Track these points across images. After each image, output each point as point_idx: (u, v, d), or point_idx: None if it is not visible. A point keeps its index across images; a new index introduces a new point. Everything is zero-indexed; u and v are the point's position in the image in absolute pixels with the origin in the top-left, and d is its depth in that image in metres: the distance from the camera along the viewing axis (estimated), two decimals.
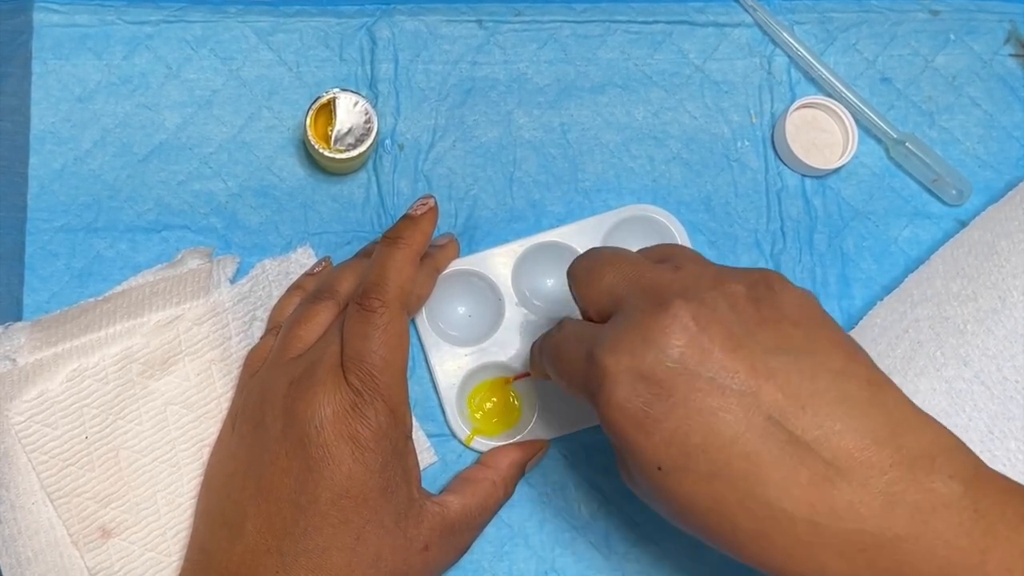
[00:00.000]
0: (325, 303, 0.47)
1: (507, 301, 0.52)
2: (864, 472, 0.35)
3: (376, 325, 0.44)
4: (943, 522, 0.34)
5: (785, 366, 0.36)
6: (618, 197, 0.55)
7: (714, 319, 0.37)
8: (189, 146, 0.53)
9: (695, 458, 0.36)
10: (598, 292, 0.41)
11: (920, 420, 0.37)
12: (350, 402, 0.43)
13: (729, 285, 0.38)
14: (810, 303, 0.39)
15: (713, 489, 0.36)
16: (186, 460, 0.48)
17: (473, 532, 0.47)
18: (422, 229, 0.48)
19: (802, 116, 0.56)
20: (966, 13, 0.59)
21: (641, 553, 0.51)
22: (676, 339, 0.36)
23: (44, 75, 0.53)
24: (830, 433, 0.35)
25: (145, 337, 0.48)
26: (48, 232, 0.52)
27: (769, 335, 0.37)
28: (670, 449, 0.36)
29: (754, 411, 0.35)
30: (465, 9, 0.56)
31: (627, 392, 0.37)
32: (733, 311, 0.37)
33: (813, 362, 0.36)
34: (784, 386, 0.36)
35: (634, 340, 0.37)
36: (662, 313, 0.37)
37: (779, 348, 0.36)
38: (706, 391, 0.36)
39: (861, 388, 0.36)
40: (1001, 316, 0.51)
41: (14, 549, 0.46)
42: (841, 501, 0.35)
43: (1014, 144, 0.58)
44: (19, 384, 0.46)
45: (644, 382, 0.36)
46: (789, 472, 0.35)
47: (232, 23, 0.55)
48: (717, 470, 0.36)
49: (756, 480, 0.35)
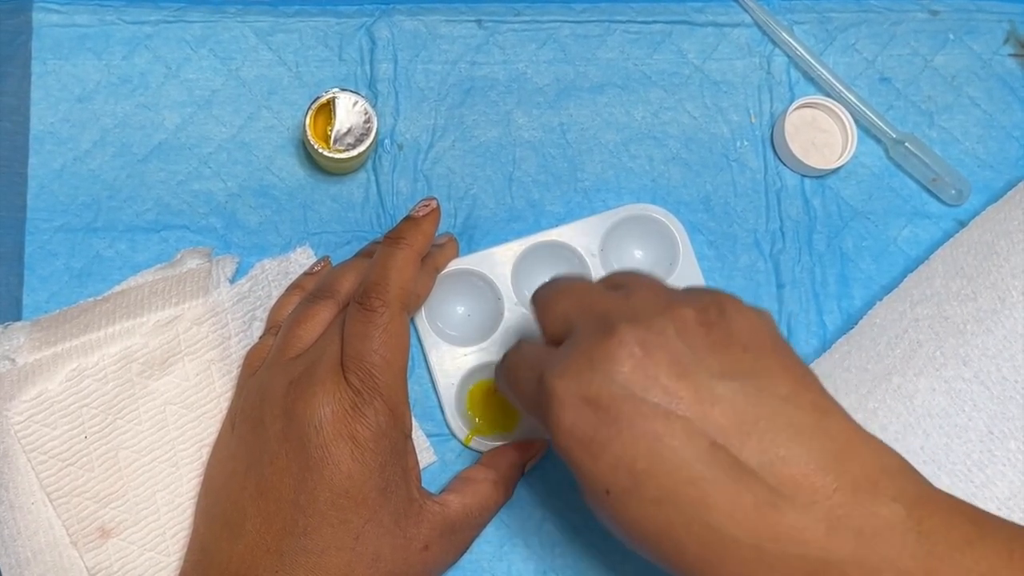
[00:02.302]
0: (325, 302, 0.47)
1: (506, 301, 0.52)
2: (808, 497, 0.35)
3: (376, 325, 0.44)
4: (887, 545, 0.35)
5: (731, 392, 0.36)
6: (617, 197, 0.55)
7: (660, 344, 0.37)
8: (188, 146, 0.53)
9: (642, 483, 0.36)
10: (553, 317, 0.41)
11: (865, 444, 0.37)
12: (350, 402, 0.43)
13: (678, 310, 0.38)
14: (762, 326, 0.39)
15: (660, 513, 0.36)
16: (185, 460, 0.48)
17: (473, 532, 0.47)
18: (424, 230, 0.48)
19: (801, 116, 0.56)
20: (965, 13, 0.59)
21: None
22: (621, 364, 0.36)
23: (44, 75, 0.53)
24: (775, 459, 0.35)
25: (144, 337, 0.48)
26: (47, 232, 0.52)
27: (716, 360, 0.37)
28: (617, 473, 0.36)
29: (699, 437, 0.36)
30: (464, 9, 0.56)
31: (573, 416, 0.37)
32: (680, 336, 0.37)
33: (759, 387, 0.36)
34: (729, 412, 0.36)
35: (581, 364, 0.37)
36: (608, 338, 0.37)
37: (726, 373, 0.37)
38: (651, 416, 0.36)
39: (807, 414, 0.36)
40: (1000, 316, 0.51)
41: (13, 549, 0.46)
42: (785, 526, 0.35)
43: (1013, 144, 0.58)
44: (18, 384, 0.46)
45: (590, 407, 0.37)
46: (734, 497, 0.35)
47: (231, 23, 0.55)
48: (664, 495, 0.36)
49: (702, 505, 0.35)
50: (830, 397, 0.38)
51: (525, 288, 0.53)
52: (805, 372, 0.38)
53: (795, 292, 0.55)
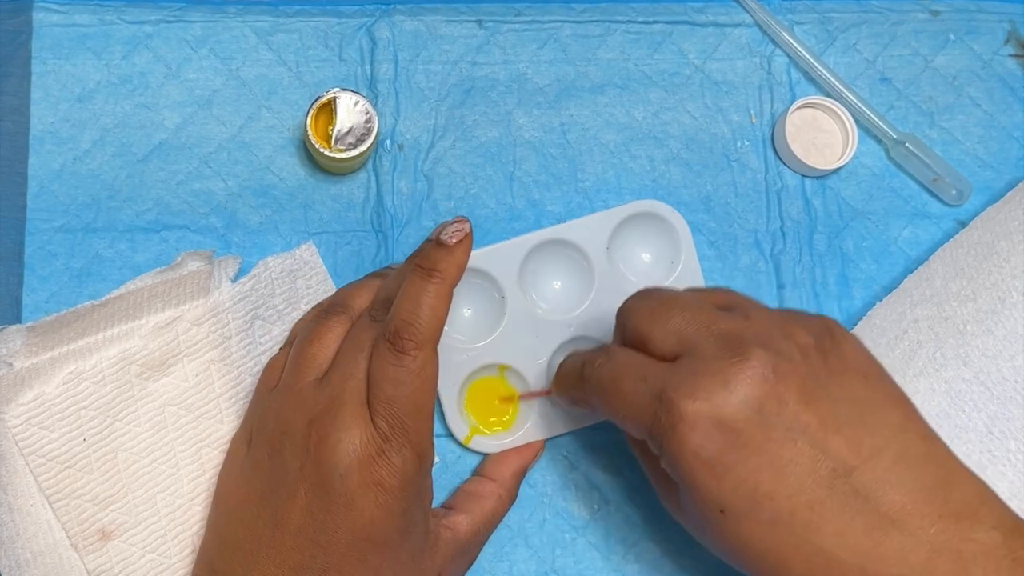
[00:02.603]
0: (338, 318, 0.45)
1: (508, 300, 0.52)
2: (916, 523, 0.37)
3: (410, 370, 0.42)
4: (982, 570, 0.36)
5: (851, 420, 0.38)
6: (618, 197, 0.55)
7: (790, 371, 0.38)
8: (189, 146, 0.53)
9: (760, 505, 0.37)
10: (664, 332, 0.41)
11: (965, 474, 0.39)
12: (377, 447, 0.41)
13: (799, 335, 0.40)
14: (866, 352, 0.41)
15: (773, 535, 0.38)
16: (185, 461, 0.48)
17: (481, 547, 0.48)
18: (457, 261, 0.44)
19: (802, 116, 0.56)
20: (966, 13, 0.59)
21: (641, 553, 0.51)
22: (757, 389, 0.37)
23: (44, 75, 0.53)
24: (887, 487, 0.37)
25: (143, 339, 0.48)
26: (47, 232, 0.52)
27: (836, 387, 0.39)
28: (736, 495, 0.38)
29: (822, 463, 0.37)
30: (465, 9, 0.56)
31: (702, 438, 0.38)
32: (806, 362, 0.39)
33: (875, 418, 0.38)
34: (850, 440, 0.38)
35: (714, 387, 0.38)
36: (743, 362, 0.38)
37: (845, 400, 0.38)
38: (780, 442, 0.37)
39: (917, 444, 0.39)
40: (1001, 316, 0.51)
41: (13, 551, 0.46)
42: (891, 549, 0.37)
43: (1014, 144, 0.58)
44: (15, 387, 0.46)
45: (720, 429, 0.37)
46: (848, 522, 0.37)
47: (232, 23, 0.55)
48: (780, 517, 0.37)
49: (815, 528, 0.37)
50: (930, 426, 0.40)
51: (528, 287, 0.52)
52: (907, 399, 0.40)
53: (796, 292, 0.55)
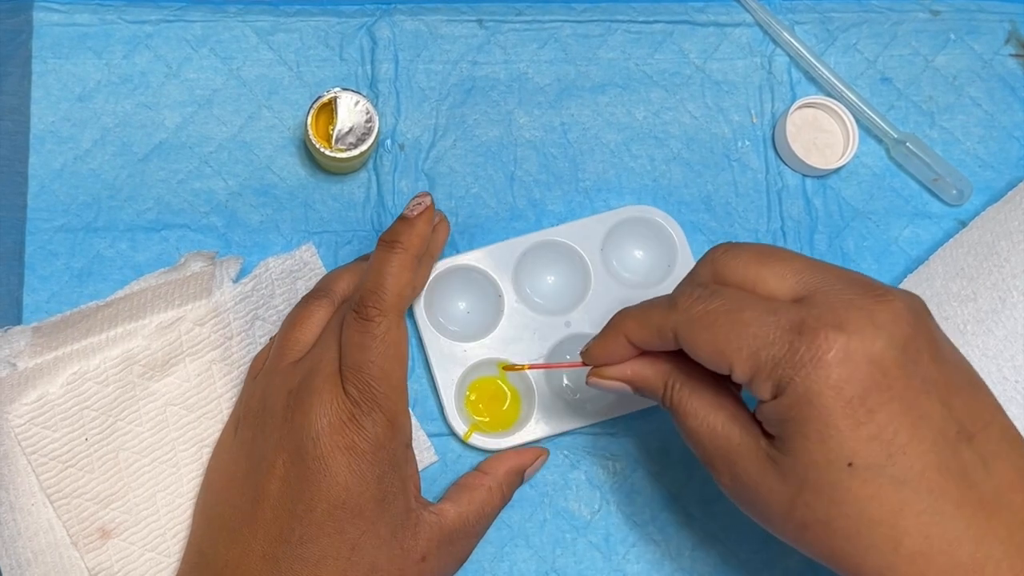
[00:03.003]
0: (319, 302, 0.47)
1: (507, 298, 0.52)
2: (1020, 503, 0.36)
3: (374, 335, 0.43)
4: None
5: (966, 386, 0.37)
6: (618, 196, 0.55)
7: (924, 322, 0.37)
8: (189, 145, 0.53)
9: (895, 459, 0.35)
10: (782, 273, 0.38)
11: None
12: (348, 413, 0.42)
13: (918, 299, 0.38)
14: None
15: (897, 496, 0.35)
16: (186, 461, 0.48)
17: (471, 540, 0.47)
18: (419, 231, 0.46)
19: (803, 116, 0.56)
20: (966, 13, 0.59)
21: (641, 553, 0.51)
22: (903, 330, 0.36)
23: (44, 74, 0.53)
24: (999, 460, 0.36)
25: (146, 339, 0.48)
26: (48, 232, 0.52)
27: (951, 352, 0.38)
28: (872, 444, 0.35)
29: (950, 423, 0.36)
30: (465, 9, 0.56)
31: (848, 374, 0.35)
32: (931, 320, 0.38)
33: (983, 390, 0.38)
34: (968, 405, 0.37)
35: (862, 322, 0.35)
36: (888, 302, 0.36)
37: (960, 366, 0.38)
38: (918, 391, 0.35)
39: (1011, 425, 0.38)
40: (1001, 316, 0.51)
41: (14, 550, 0.46)
42: (1002, 526, 0.35)
43: (1014, 144, 0.58)
44: (19, 388, 0.46)
45: (869, 367, 0.35)
46: (966, 491, 0.35)
47: (232, 23, 0.55)
48: (909, 477, 0.35)
49: (940, 494, 0.35)
50: None
51: (526, 285, 0.53)
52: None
53: None
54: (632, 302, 0.52)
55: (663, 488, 0.52)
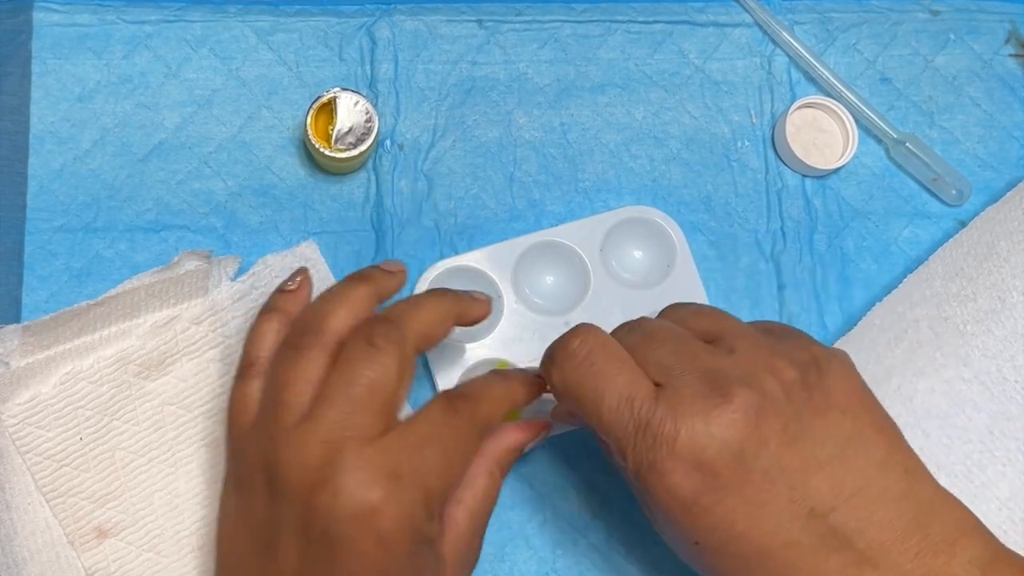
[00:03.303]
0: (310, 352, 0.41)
1: (506, 298, 0.52)
2: (893, 560, 0.36)
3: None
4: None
5: (832, 460, 0.38)
6: (618, 197, 0.55)
7: (772, 410, 0.38)
8: (189, 145, 0.53)
9: (734, 542, 0.37)
10: (649, 365, 0.40)
11: (946, 504, 0.38)
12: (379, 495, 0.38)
13: (783, 371, 0.39)
14: (854, 381, 0.40)
15: (744, 569, 0.38)
16: (184, 460, 0.48)
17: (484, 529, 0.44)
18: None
19: (802, 116, 0.56)
20: (966, 13, 0.59)
21: (642, 554, 0.51)
22: (739, 431, 0.37)
23: (44, 75, 0.53)
24: (866, 525, 0.37)
25: (141, 339, 0.48)
26: (47, 232, 0.52)
27: (819, 426, 0.38)
28: (712, 534, 0.38)
29: (800, 504, 0.37)
30: (465, 9, 0.56)
31: (681, 477, 0.37)
32: (788, 400, 0.38)
33: (857, 455, 0.38)
34: (831, 480, 0.37)
35: (696, 428, 0.37)
36: (725, 404, 0.38)
37: (828, 439, 0.38)
38: (758, 484, 0.37)
39: (899, 480, 0.38)
40: (1001, 316, 0.51)
41: (11, 549, 0.46)
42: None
43: (1014, 144, 0.58)
44: (11, 387, 0.46)
45: (700, 471, 0.37)
46: (822, 561, 0.37)
47: (232, 23, 0.55)
48: (754, 554, 0.37)
49: (790, 567, 0.37)
50: (915, 455, 0.40)
51: (525, 286, 0.53)
52: (893, 429, 0.40)
53: (796, 293, 0.55)
54: (631, 302, 0.53)
55: None
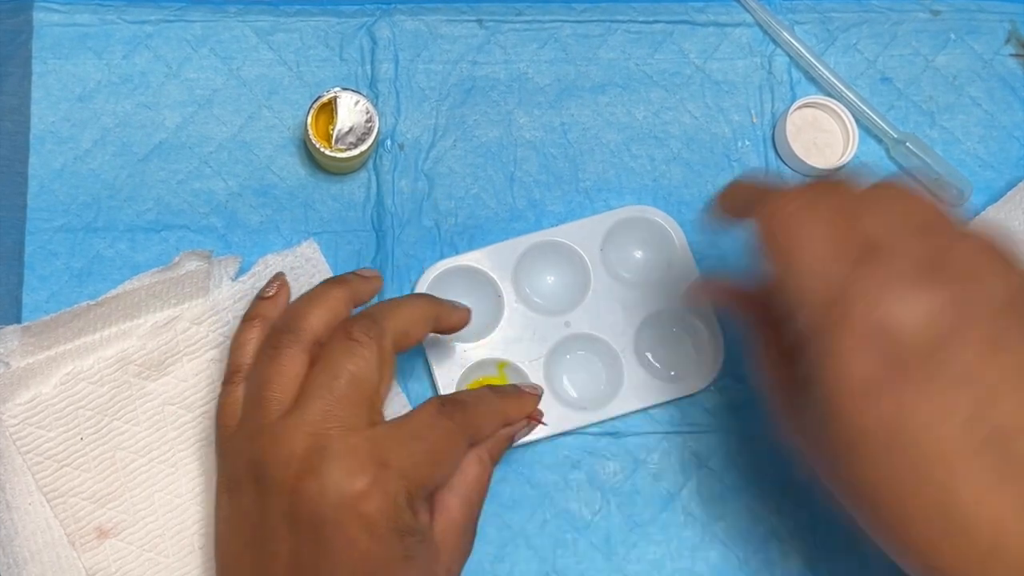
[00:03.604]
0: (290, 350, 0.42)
1: (506, 298, 0.52)
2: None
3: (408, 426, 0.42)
4: None
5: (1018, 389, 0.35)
6: (618, 197, 0.55)
7: (985, 316, 0.35)
8: (189, 145, 0.53)
9: (902, 441, 0.35)
10: (855, 231, 0.37)
11: None
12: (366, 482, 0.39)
13: (999, 285, 0.36)
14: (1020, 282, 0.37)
15: (900, 483, 0.35)
16: (185, 460, 0.48)
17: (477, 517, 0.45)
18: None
19: (803, 116, 0.56)
20: (967, 13, 0.59)
21: (642, 554, 0.51)
22: (945, 322, 0.35)
23: (44, 75, 0.53)
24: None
25: (141, 339, 0.48)
26: (48, 232, 0.52)
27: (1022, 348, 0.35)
28: (879, 427, 0.35)
29: (982, 421, 0.34)
30: (465, 9, 0.56)
31: (863, 358, 0.35)
32: (1003, 311, 0.35)
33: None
34: (1016, 407, 0.35)
35: (894, 308, 0.35)
36: (938, 289, 0.35)
37: (999, 346, 0.35)
38: (944, 387, 0.35)
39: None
40: None
41: (11, 549, 0.46)
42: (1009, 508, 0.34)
43: (1015, 144, 0.58)
44: (11, 387, 0.46)
45: (886, 357, 0.35)
46: (994, 487, 0.34)
47: (232, 22, 0.55)
48: (915, 467, 0.35)
49: (952, 491, 0.34)
50: None
51: (525, 286, 0.53)
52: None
53: None
54: (632, 302, 0.53)
55: (663, 488, 0.52)
